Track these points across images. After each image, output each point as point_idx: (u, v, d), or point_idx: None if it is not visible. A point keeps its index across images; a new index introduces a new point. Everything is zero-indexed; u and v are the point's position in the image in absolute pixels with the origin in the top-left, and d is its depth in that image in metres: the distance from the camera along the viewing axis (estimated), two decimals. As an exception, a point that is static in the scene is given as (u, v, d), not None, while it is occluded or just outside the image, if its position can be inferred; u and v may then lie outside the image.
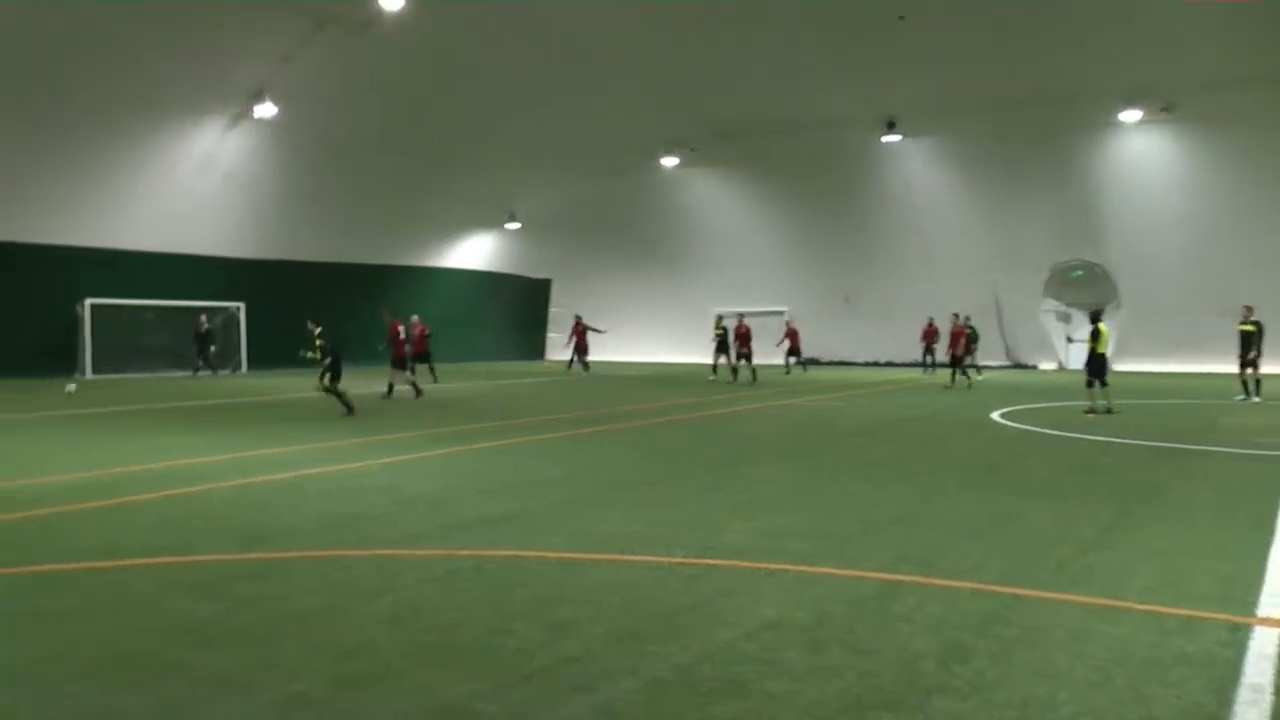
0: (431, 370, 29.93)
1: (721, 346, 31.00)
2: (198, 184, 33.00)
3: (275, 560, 7.58)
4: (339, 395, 19.16)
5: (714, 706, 4.57)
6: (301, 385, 28.03)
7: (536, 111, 33.57)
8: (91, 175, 30.45)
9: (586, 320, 38.31)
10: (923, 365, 36.05)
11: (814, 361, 40.46)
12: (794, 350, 37.18)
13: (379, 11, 25.44)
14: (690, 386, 28.32)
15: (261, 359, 36.24)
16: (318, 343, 19.80)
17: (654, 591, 6.56)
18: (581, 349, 37.24)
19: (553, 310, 49.98)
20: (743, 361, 30.94)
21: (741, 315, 32.00)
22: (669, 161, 40.37)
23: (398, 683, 4.94)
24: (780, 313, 42.18)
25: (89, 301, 32.11)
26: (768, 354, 35.49)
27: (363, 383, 23.91)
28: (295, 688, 4.88)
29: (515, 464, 12.75)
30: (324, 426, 17.19)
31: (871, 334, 41.58)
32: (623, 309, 46.48)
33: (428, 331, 29.39)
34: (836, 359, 42.64)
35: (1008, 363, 39.45)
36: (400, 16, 25.69)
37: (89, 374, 31.91)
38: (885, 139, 36.71)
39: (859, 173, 39.51)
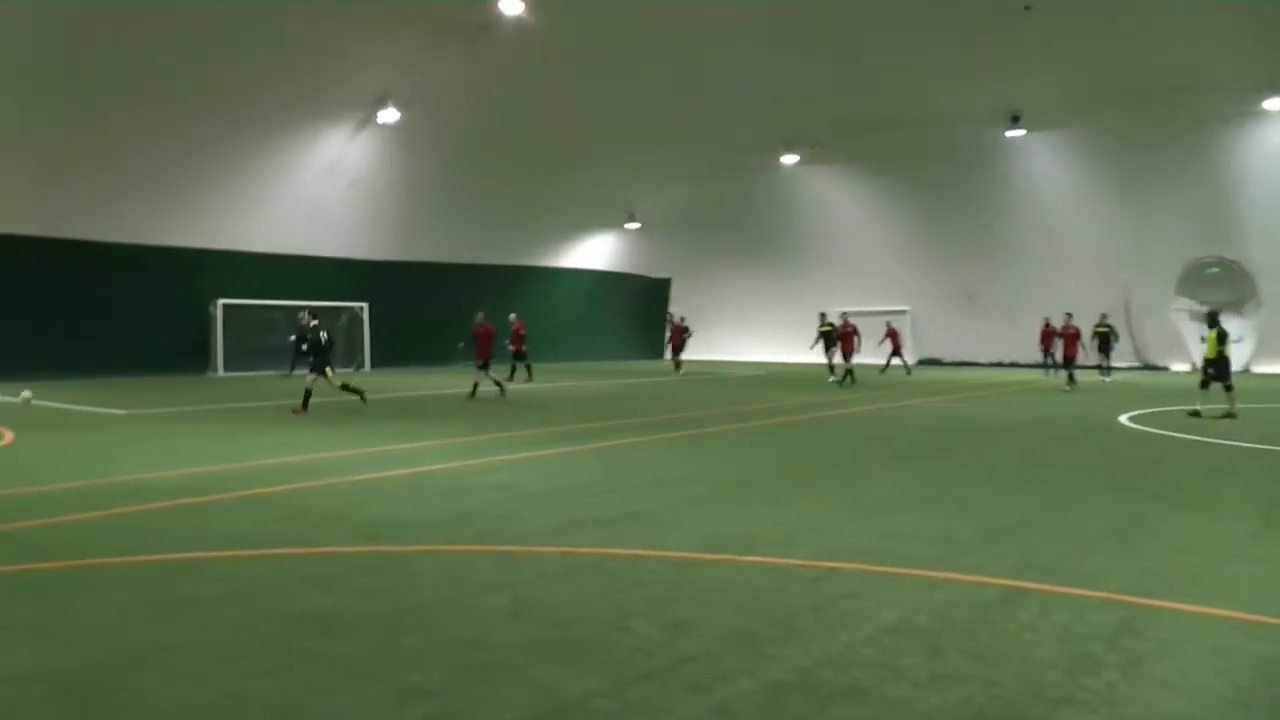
0: (528, 369, 30.23)
1: (829, 345, 30.49)
2: (323, 189, 34.01)
3: (397, 553, 7.73)
4: (307, 391, 19.30)
5: (833, 711, 4.50)
6: (422, 383, 28.61)
7: (656, 111, 33.62)
8: (224, 182, 31.64)
9: (682, 320, 38.46)
10: (1043, 366, 35.16)
11: (935, 362, 39.73)
12: (896, 351, 36.51)
13: (498, 15, 25.77)
14: (809, 386, 28.05)
15: (384, 358, 37.14)
16: (309, 335, 19.80)
17: (773, 593, 6.49)
18: (677, 348, 37.24)
19: (671, 309, 50.13)
20: (838, 361, 30.40)
21: (845, 314, 31.49)
22: (788, 159, 40.04)
23: (516, 676, 4.98)
24: (901, 312, 41.56)
25: (221, 302, 33.38)
26: (873, 354, 35.00)
27: (464, 380, 24.20)
28: (415, 677, 4.97)
29: (635, 463, 12.79)
30: (444, 423, 17.51)
31: (995, 334, 40.60)
32: (742, 308, 46.38)
33: (523, 330, 29.83)
34: (958, 359, 41.80)
35: (1137, 363, 38.16)
36: (519, 20, 25.99)
37: (220, 371, 33.20)
38: (1009, 134, 35.80)
39: (982, 169, 38.64)
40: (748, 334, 46.60)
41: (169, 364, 32.27)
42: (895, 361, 36.69)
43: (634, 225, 46.17)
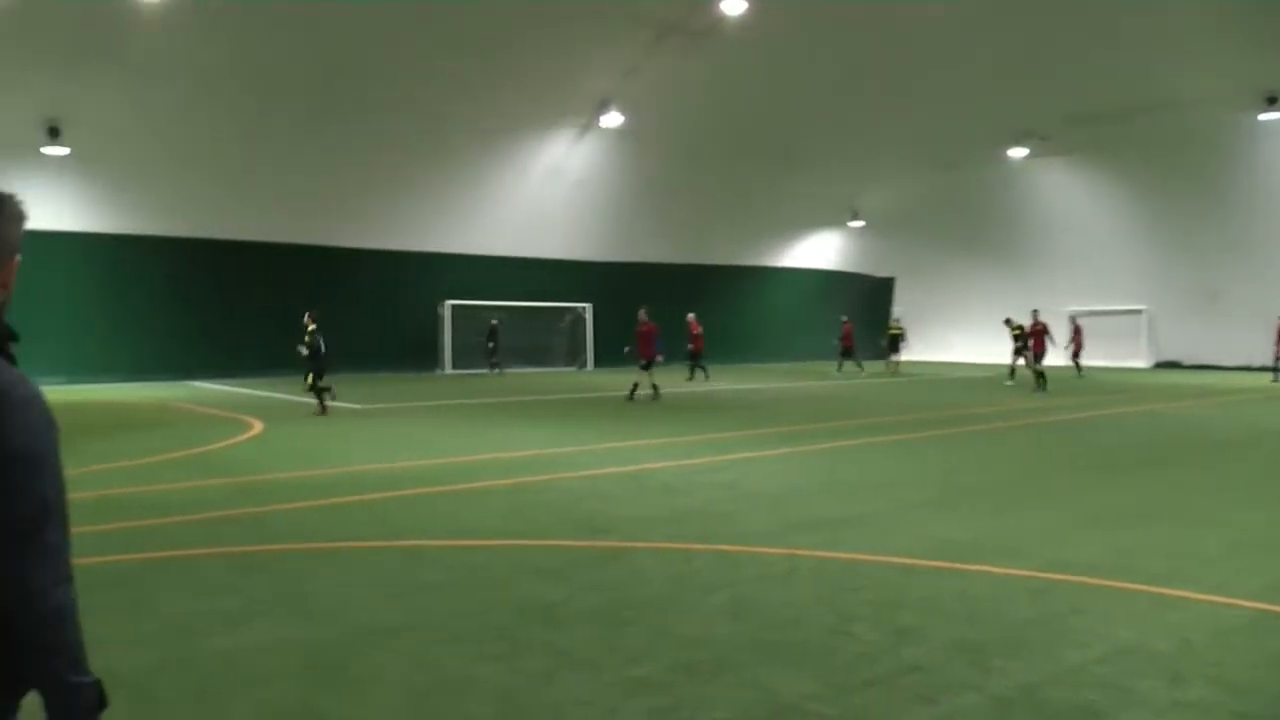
0: (704, 369, 30.30)
1: (1023, 346, 28.91)
2: (548, 192, 35.03)
3: (619, 549, 7.85)
4: (319, 394, 19.24)
5: (1069, 730, 4.33)
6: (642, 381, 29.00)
7: (881, 106, 33.02)
8: (453, 188, 33.05)
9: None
10: (1274, 370, 32.47)
11: (1174, 364, 37.44)
12: (1076, 352, 34.27)
13: (720, 17, 25.89)
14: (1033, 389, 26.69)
15: (607, 358, 37.93)
16: (307, 338, 19.58)
17: (998, 604, 6.26)
18: (848, 351, 36.25)
19: (896, 309, 49.10)
20: (1020, 360, 28.72)
21: (1036, 311, 29.63)
22: (1017, 152, 38.50)
23: (736, 675, 4.96)
24: (1136, 311, 39.37)
25: (448, 303, 34.91)
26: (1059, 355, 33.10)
27: (679, 380, 24.26)
28: (637, 671, 5.03)
29: (856, 465, 12.60)
30: (665, 421, 17.67)
31: (1242, 336, 37.84)
32: (966, 307, 44.99)
33: (699, 330, 29.86)
34: (1199, 362, 39.29)
35: None
36: (742, 20, 26.02)
37: (448, 369, 34.75)
38: (1263, 117, 33.21)
39: (1230, 156, 35.97)
40: (971, 334, 45.12)
41: (400, 362, 34.08)
42: (1074, 362, 34.37)
43: (857, 223, 45.50)
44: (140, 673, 5.05)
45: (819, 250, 46.82)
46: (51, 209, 27.36)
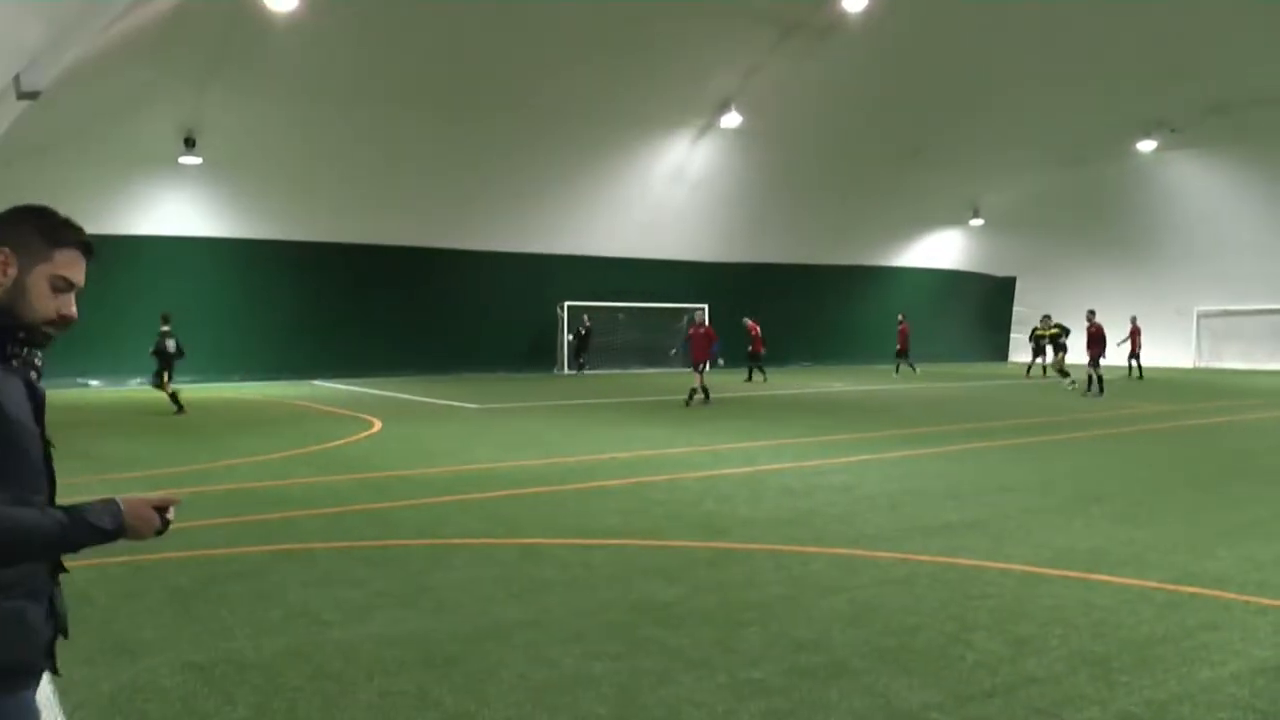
0: (762, 371, 30.21)
1: (1040, 349, 27.69)
2: (667, 193, 35.12)
3: (735, 550, 7.83)
4: (171, 395, 19.00)
5: (1202, 748, 4.19)
6: (759, 383, 28.92)
7: (1006, 100, 32.20)
8: (573, 189, 33.35)
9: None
10: None
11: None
12: (1134, 353, 32.57)
13: (842, 14, 25.61)
14: (1161, 391, 25.74)
15: (724, 357, 37.86)
16: (157, 341, 19.28)
17: (1124, 616, 6.04)
18: (902, 353, 35.16)
19: (1017, 309, 47.93)
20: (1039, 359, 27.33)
21: (1091, 312, 28.21)
22: (1145, 145, 37.09)
23: (853, 681, 4.91)
24: (1276, 311, 37.62)
25: (566, 304, 35.32)
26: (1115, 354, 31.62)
27: (796, 381, 24.06)
28: (753, 674, 5.00)
29: (976, 469, 12.33)
30: (783, 423, 17.54)
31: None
32: (1097, 308, 43.61)
33: (758, 332, 29.65)
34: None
35: None
36: (863, 17, 25.69)
37: (565, 370, 35.17)
38: None
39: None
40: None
41: (519, 363, 34.63)
42: (1132, 364, 32.74)
43: (978, 222, 44.55)
44: (267, 660, 5.25)
45: (938, 249, 45.97)
46: (187, 216, 28.55)
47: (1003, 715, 4.54)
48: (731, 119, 31.03)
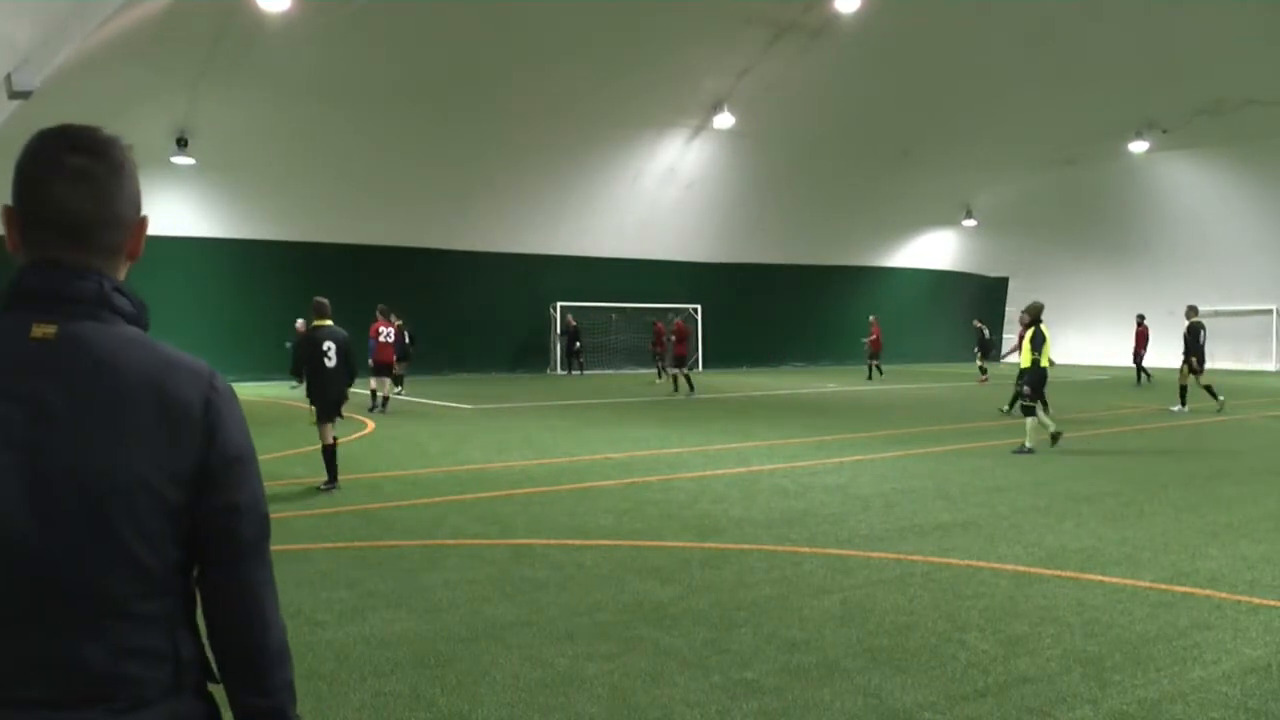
0: (688, 379, 29.45)
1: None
2: (660, 194, 35.13)
3: (728, 550, 7.82)
4: None
5: (1193, 748, 4.20)
6: (747, 384, 28.95)
7: (996, 102, 32.24)
8: (565, 190, 33.34)
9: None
10: None
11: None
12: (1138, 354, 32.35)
13: (834, 15, 25.63)
14: (1156, 393, 25.77)
15: (717, 358, 37.91)
16: None
17: (1116, 615, 6.07)
18: (875, 355, 34.69)
19: (1009, 310, 47.98)
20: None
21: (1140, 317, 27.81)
22: (1137, 146, 37.15)
23: (846, 681, 4.92)
24: (1266, 311, 37.74)
25: (559, 304, 35.30)
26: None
27: (789, 382, 24.13)
28: (746, 674, 5.02)
29: (967, 469, 12.33)
30: (775, 423, 17.57)
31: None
32: (1083, 309, 43.76)
33: (671, 334, 29.16)
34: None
35: None
36: (855, 18, 25.71)
37: (559, 370, 35.15)
38: None
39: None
40: (1090, 336, 43.84)
41: (512, 363, 34.63)
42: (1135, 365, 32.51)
43: (970, 222, 44.60)
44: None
45: (931, 250, 46.04)
46: (178, 215, 28.44)
47: (995, 715, 4.55)
48: (724, 119, 31.02)
